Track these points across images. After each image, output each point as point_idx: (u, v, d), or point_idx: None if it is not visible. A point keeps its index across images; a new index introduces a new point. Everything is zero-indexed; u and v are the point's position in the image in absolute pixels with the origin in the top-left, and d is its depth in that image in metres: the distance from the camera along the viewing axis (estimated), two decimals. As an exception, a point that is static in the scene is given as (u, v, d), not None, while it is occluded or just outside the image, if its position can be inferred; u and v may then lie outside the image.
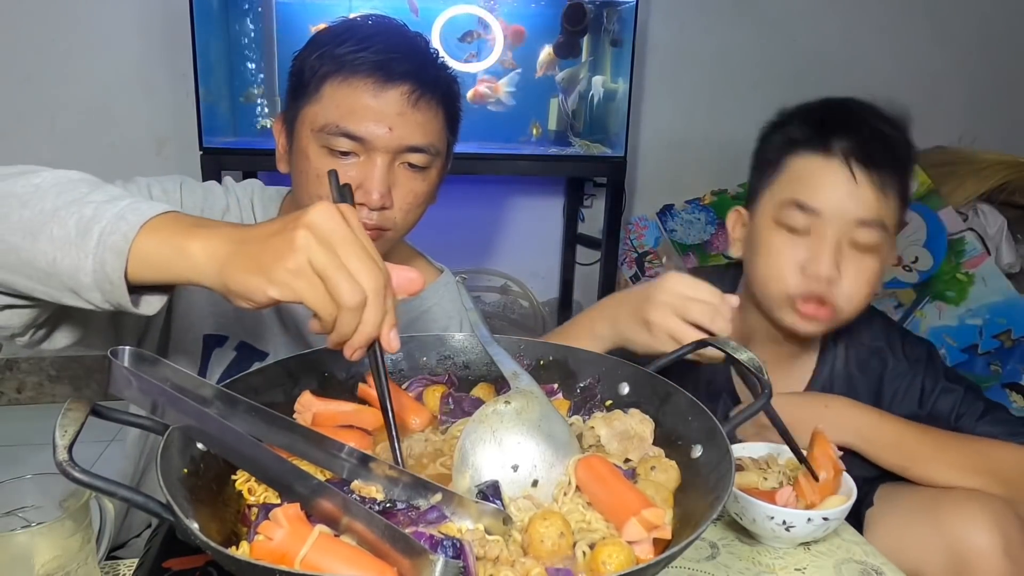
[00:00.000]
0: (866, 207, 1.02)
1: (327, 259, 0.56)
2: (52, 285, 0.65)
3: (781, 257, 1.05)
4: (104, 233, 0.61)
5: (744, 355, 0.73)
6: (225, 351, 1.03)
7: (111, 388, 0.55)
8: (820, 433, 0.91)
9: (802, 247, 1.04)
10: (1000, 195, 2.58)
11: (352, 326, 0.58)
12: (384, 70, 0.93)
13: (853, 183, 1.01)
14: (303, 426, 0.65)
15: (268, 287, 0.57)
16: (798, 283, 1.04)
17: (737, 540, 0.90)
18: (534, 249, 2.91)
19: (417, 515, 0.58)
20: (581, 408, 0.77)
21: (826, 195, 1.02)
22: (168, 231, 0.62)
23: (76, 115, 2.45)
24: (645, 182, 2.91)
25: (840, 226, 1.02)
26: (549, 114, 2.61)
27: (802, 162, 1.05)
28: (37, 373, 2.66)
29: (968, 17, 2.98)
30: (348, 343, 0.59)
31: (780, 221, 1.05)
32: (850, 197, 1.02)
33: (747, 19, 2.81)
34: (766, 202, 1.08)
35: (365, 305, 0.57)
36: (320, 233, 0.57)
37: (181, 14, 2.16)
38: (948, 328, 2.46)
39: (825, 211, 1.02)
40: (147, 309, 0.66)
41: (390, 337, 0.60)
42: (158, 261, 0.62)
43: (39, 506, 0.66)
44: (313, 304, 0.57)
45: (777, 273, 1.06)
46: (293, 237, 0.56)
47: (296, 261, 0.56)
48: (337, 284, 0.56)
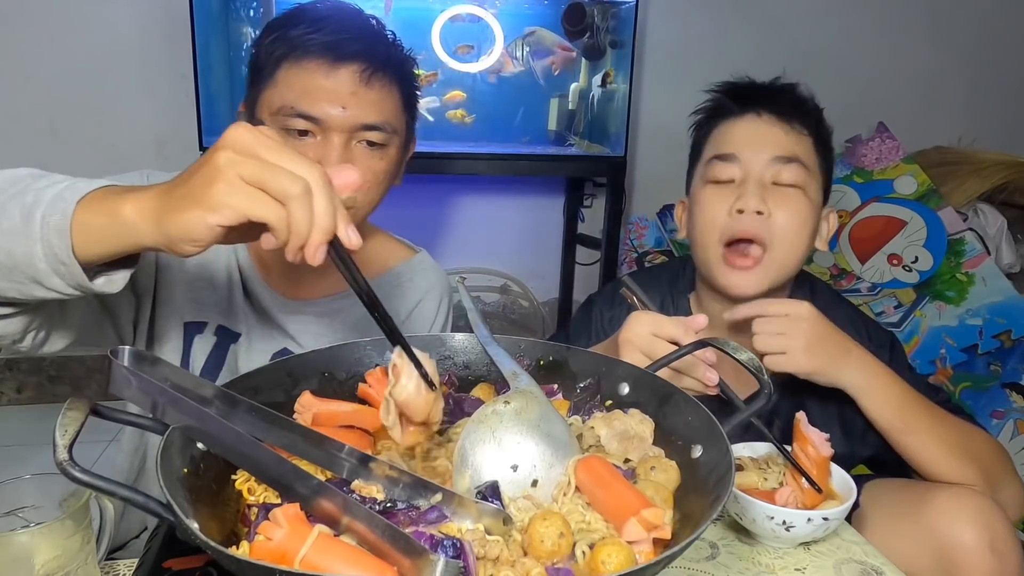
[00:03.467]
0: (778, 144, 1.10)
1: (257, 166, 0.55)
2: (16, 279, 0.65)
3: (710, 206, 1.11)
4: (45, 215, 0.62)
5: (744, 355, 0.73)
6: (206, 337, 1.04)
7: (111, 388, 0.55)
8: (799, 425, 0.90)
9: (729, 194, 1.10)
10: (1000, 195, 2.58)
11: (305, 220, 0.54)
12: (335, 50, 0.94)
13: (763, 125, 1.11)
14: (303, 426, 0.65)
15: (206, 215, 0.55)
16: (728, 224, 1.09)
17: (737, 540, 0.90)
18: (534, 249, 2.91)
19: (417, 515, 0.58)
20: (581, 408, 0.77)
21: (741, 141, 1.11)
22: (102, 201, 0.63)
23: (76, 115, 2.45)
24: (645, 182, 2.91)
25: (759, 166, 1.09)
26: (549, 114, 2.61)
27: (719, 128, 1.15)
28: (37, 373, 2.66)
29: (968, 17, 2.98)
30: (307, 243, 0.55)
31: (707, 179, 1.13)
32: (762, 137, 1.10)
33: (747, 19, 2.81)
34: (696, 176, 1.17)
35: (312, 195, 0.55)
36: (241, 147, 0.56)
37: (181, 14, 2.16)
38: (948, 328, 2.46)
39: (742, 154, 1.10)
40: (110, 287, 0.67)
41: (348, 233, 0.57)
42: (98, 232, 0.62)
43: (39, 506, 0.66)
44: (257, 212, 0.55)
45: (709, 221, 1.11)
46: (215, 160, 0.55)
47: (225, 179, 0.55)
48: (274, 181, 0.54)
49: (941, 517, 0.92)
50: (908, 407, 1.03)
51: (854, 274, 2.57)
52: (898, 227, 2.55)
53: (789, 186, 1.09)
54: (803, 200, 1.10)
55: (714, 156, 1.12)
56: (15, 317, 0.73)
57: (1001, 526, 0.91)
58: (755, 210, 1.07)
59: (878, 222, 2.58)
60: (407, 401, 0.62)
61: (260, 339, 1.07)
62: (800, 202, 1.09)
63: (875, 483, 1.05)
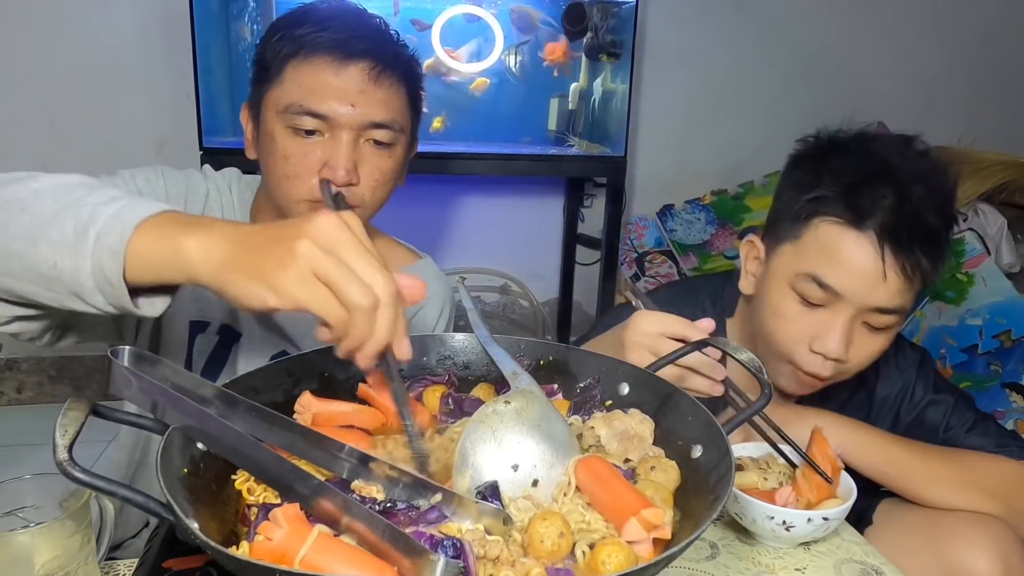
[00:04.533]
0: (888, 296, 0.95)
1: (332, 266, 0.55)
2: (56, 290, 0.64)
3: (791, 326, 1.00)
4: (100, 235, 0.61)
5: (744, 355, 0.73)
6: (208, 336, 1.04)
7: (111, 388, 0.55)
8: (819, 432, 0.91)
9: (814, 320, 0.98)
10: (1000, 195, 2.58)
11: (366, 331, 0.56)
12: (343, 48, 0.94)
13: (881, 271, 0.93)
14: (303, 426, 0.65)
15: (268, 296, 0.56)
16: (803, 358, 1.00)
17: (737, 540, 0.90)
18: (534, 249, 2.91)
19: (417, 515, 0.58)
20: (581, 408, 0.77)
21: (850, 278, 0.94)
22: (164, 229, 0.61)
23: (76, 115, 2.45)
24: (645, 182, 2.91)
25: (858, 311, 0.97)
26: (549, 114, 2.61)
27: (830, 229, 0.96)
28: (37, 373, 2.66)
29: (968, 17, 2.98)
30: (361, 351, 0.57)
31: (796, 289, 0.98)
32: (875, 286, 0.94)
33: (747, 19, 2.81)
34: (786, 257, 1.01)
35: (377, 309, 0.56)
36: (323, 242, 0.56)
37: (181, 14, 2.16)
38: (948, 328, 2.46)
39: (846, 295, 0.95)
40: (150, 311, 0.66)
41: (403, 344, 0.59)
42: (155, 261, 0.61)
43: (39, 506, 0.66)
44: (320, 310, 0.55)
45: (784, 339, 1.01)
46: (294, 247, 0.55)
47: (299, 270, 0.55)
48: (346, 288, 0.55)
49: (955, 542, 0.91)
50: (891, 457, 1.00)
51: (854, 274, 2.57)
52: (898, 227, 2.55)
53: (878, 331, 0.98)
54: (885, 342, 1.00)
55: (813, 277, 0.96)
56: (39, 320, 0.73)
57: (1017, 556, 0.90)
58: (835, 358, 0.98)
59: (878, 222, 2.58)
60: None
61: (261, 340, 1.07)
62: (881, 345, 1.00)
63: (892, 500, 1.04)
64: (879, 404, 1.16)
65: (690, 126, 2.89)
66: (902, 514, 1.01)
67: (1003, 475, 0.99)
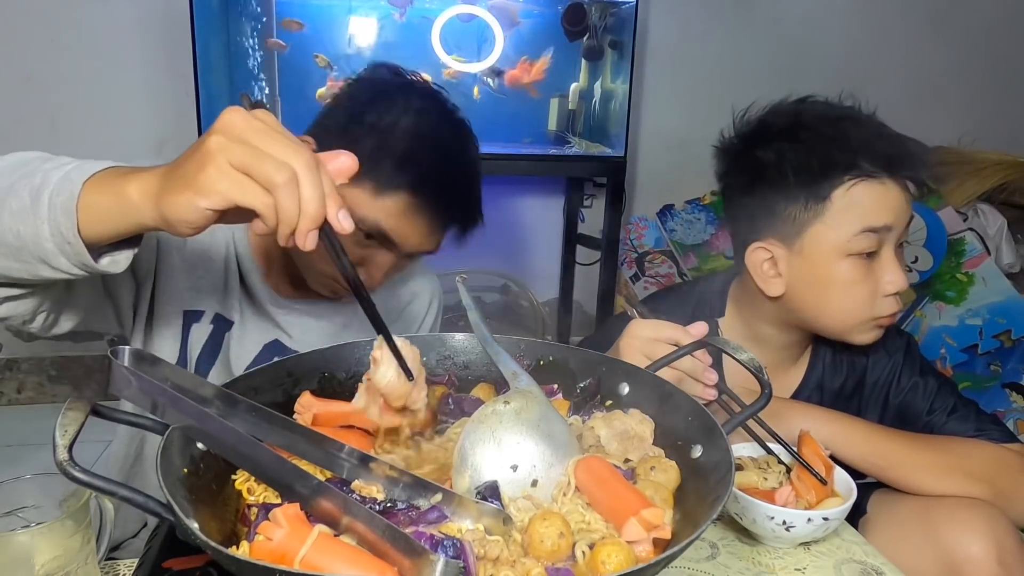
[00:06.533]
0: (908, 210, 1.05)
1: (245, 152, 0.55)
2: (24, 259, 0.66)
3: (863, 287, 1.05)
4: (53, 195, 0.63)
5: (744, 355, 0.73)
6: (203, 325, 1.05)
7: (111, 388, 0.55)
8: (807, 433, 0.92)
9: (872, 272, 1.05)
10: (1000, 195, 2.58)
11: (292, 207, 0.55)
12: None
13: (903, 195, 1.04)
14: (303, 426, 0.65)
15: (197, 199, 0.56)
16: (883, 307, 1.05)
17: (737, 540, 0.90)
18: (534, 249, 2.91)
19: (417, 515, 0.58)
20: (581, 408, 0.77)
21: (891, 211, 1.03)
22: (108, 181, 0.63)
23: (76, 115, 2.45)
24: (645, 182, 2.91)
25: (900, 234, 1.05)
26: (549, 114, 2.61)
27: (859, 191, 1.02)
28: (37, 373, 2.66)
29: (969, 17, 2.98)
30: (297, 230, 0.56)
31: (853, 250, 1.03)
32: (905, 210, 1.05)
33: (747, 19, 2.81)
34: (825, 235, 1.04)
35: (298, 182, 0.55)
36: (232, 133, 0.56)
37: (181, 14, 2.16)
38: (948, 328, 2.46)
39: (895, 225, 1.04)
40: (113, 267, 0.68)
41: (339, 217, 0.57)
42: (104, 212, 0.63)
43: (39, 506, 0.66)
44: (244, 199, 0.55)
45: (861, 303, 1.05)
46: (207, 144, 0.56)
47: (215, 164, 0.55)
48: (260, 168, 0.55)
49: (949, 528, 0.91)
50: (875, 447, 1.02)
51: (854, 274, 2.57)
52: (898, 227, 2.55)
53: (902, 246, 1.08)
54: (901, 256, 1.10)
55: (865, 229, 1.02)
56: (25, 299, 0.75)
57: (1010, 539, 0.90)
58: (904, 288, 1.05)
59: (878, 222, 2.58)
60: (386, 389, 0.65)
61: (253, 329, 1.08)
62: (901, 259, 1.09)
63: (885, 491, 1.05)
64: (870, 389, 1.18)
65: (690, 126, 2.88)
66: (895, 503, 1.02)
67: (984, 458, 1.02)
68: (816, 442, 0.91)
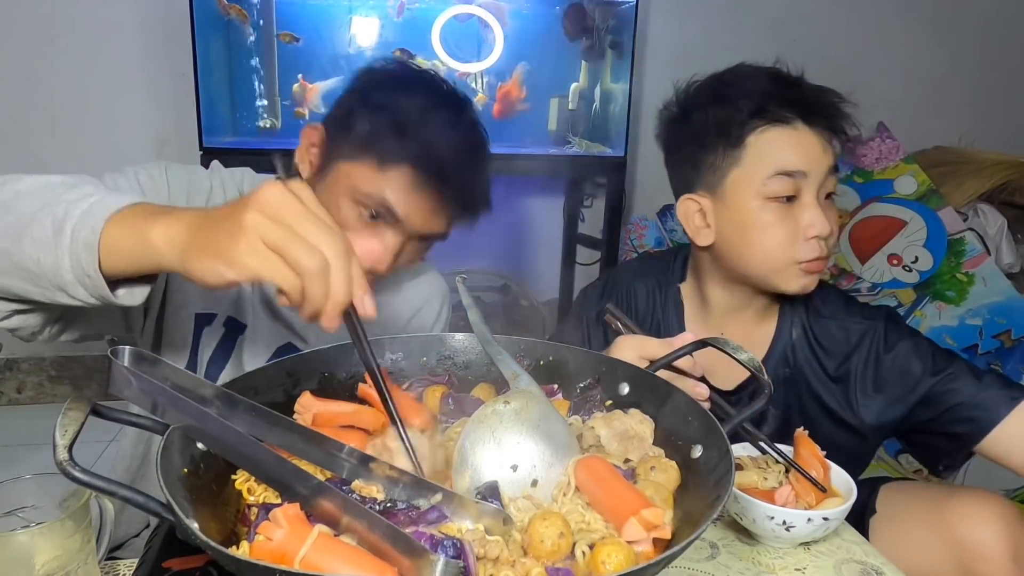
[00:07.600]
0: (830, 156, 1.08)
1: (279, 233, 0.56)
2: (43, 285, 0.67)
3: (782, 229, 1.07)
4: (75, 229, 0.64)
5: (744, 355, 0.73)
6: (214, 328, 1.05)
7: (111, 388, 0.55)
8: (803, 434, 0.91)
9: (792, 216, 1.07)
10: (1000, 195, 2.58)
11: (320, 293, 0.57)
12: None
13: (817, 138, 1.07)
14: (303, 426, 0.65)
15: (224, 269, 0.57)
16: (806, 249, 1.06)
17: (737, 540, 0.90)
18: (534, 249, 2.90)
19: (417, 515, 0.58)
20: (581, 408, 0.77)
21: (804, 155, 1.06)
22: (132, 221, 0.64)
23: (76, 115, 2.45)
24: (645, 182, 2.91)
25: (819, 181, 1.07)
26: (549, 114, 2.61)
27: (770, 135, 1.07)
28: (37, 373, 2.66)
29: (968, 17, 2.98)
30: (323, 313, 0.58)
31: (769, 195, 1.07)
32: (822, 153, 1.07)
33: (747, 19, 2.81)
34: (742, 178, 1.08)
35: (329, 270, 0.57)
36: (270, 211, 0.57)
37: (181, 14, 2.16)
38: (948, 328, 2.46)
39: (810, 170, 1.06)
40: (129, 300, 0.69)
41: (364, 301, 0.59)
42: (125, 251, 0.64)
43: (39, 506, 0.66)
44: (272, 278, 0.57)
45: (781, 245, 1.07)
46: (243, 219, 0.57)
47: (248, 241, 0.56)
48: (292, 253, 0.56)
49: (962, 523, 0.91)
50: None
51: (854, 274, 2.57)
52: (898, 227, 2.55)
53: (829, 196, 1.10)
54: (836, 207, 1.11)
55: (779, 172, 1.06)
56: (36, 312, 0.76)
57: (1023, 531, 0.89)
58: (828, 234, 1.07)
59: (878, 222, 2.58)
60: None
61: (266, 332, 1.07)
62: (836, 210, 1.11)
63: (893, 486, 1.04)
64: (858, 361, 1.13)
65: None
66: (906, 499, 1.01)
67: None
68: (813, 443, 0.90)
